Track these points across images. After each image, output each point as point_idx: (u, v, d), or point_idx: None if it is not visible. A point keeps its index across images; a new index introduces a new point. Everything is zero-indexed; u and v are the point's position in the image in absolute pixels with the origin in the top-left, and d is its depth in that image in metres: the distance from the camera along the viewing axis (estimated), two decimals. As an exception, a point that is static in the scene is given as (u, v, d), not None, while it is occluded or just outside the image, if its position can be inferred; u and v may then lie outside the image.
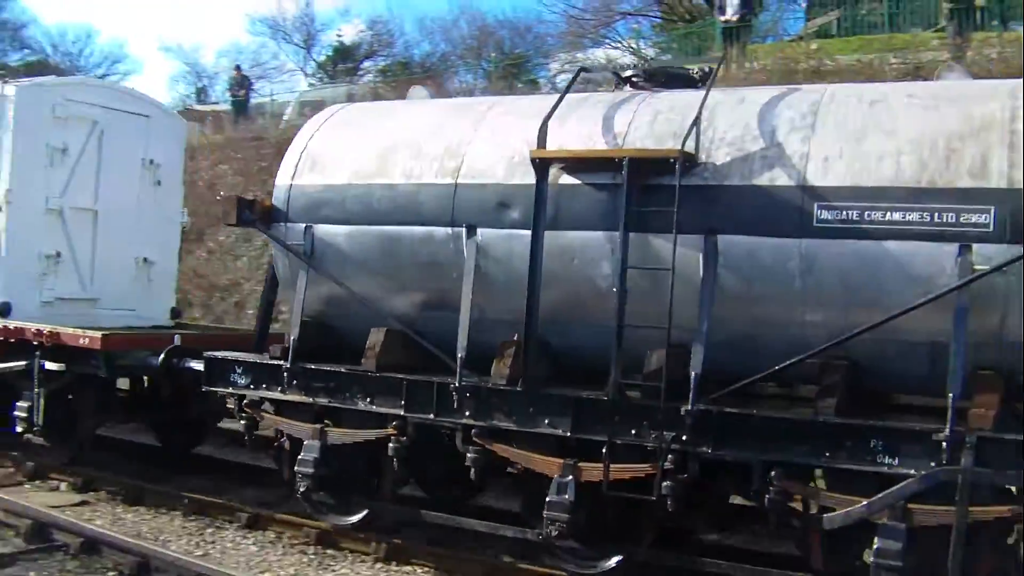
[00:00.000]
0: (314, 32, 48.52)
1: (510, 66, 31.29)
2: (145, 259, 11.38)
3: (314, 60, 48.11)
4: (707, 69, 7.86)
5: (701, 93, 7.03)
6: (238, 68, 31.00)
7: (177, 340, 9.40)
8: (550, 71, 32.79)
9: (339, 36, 46.76)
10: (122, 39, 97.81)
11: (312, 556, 7.91)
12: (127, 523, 8.74)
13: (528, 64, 34.90)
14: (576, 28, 33.83)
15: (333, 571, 7.63)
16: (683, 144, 6.52)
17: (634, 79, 7.81)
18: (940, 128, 6.20)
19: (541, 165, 7.02)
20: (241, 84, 27.41)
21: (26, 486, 9.90)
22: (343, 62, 44.86)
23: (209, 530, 8.55)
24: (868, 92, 6.78)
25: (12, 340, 9.72)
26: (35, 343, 9.47)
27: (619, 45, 32.52)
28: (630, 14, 33.98)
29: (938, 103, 6.38)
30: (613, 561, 7.03)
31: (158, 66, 68.17)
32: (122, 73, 51.95)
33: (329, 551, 8.00)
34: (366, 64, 45.03)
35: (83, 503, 9.35)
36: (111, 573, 7.43)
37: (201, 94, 46.73)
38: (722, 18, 19.53)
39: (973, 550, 5.74)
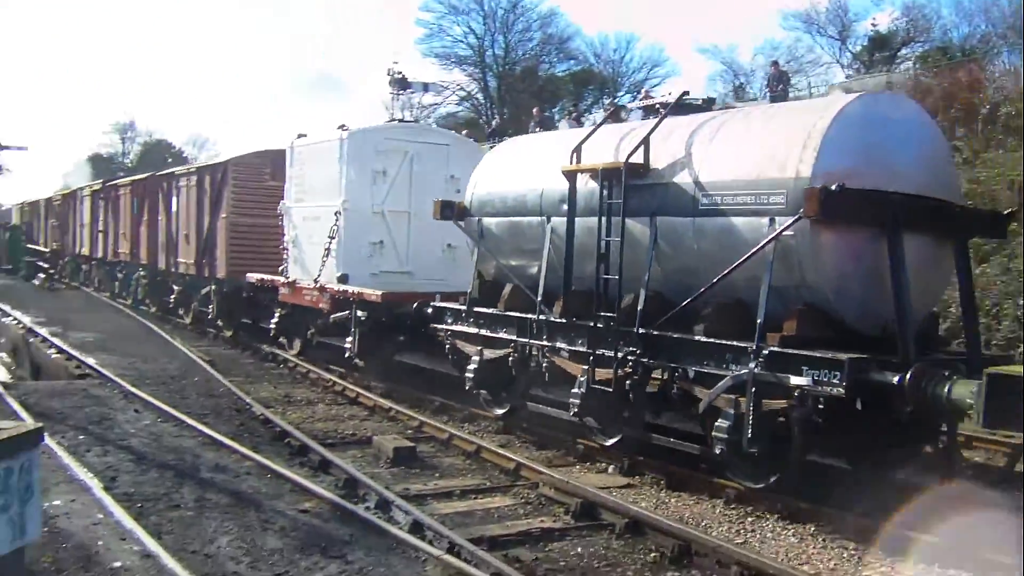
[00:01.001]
0: (848, 23, 46.91)
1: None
2: (449, 245, 16.26)
3: (849, 51, 46.66)
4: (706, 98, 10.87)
5: (706, 115, 10.26)
6: (775, 64, 30.10)
7: (438, 299, 13.90)
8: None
9: (874, 25, 44.63)
10: (660, 44, 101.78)
11: (852, 552, 7.70)
12: (670, 507, 8.91)
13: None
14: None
15: (872, 568, 7.39)
16: (627, 159, 9.88)
17: (657, 106, 11.07)
18: (770, 137, 8.92)
19: (570, 176, 10.75)
20: (779, 79, 26.51)
21: (576, 467, 10.51)
22: (879, 51, 42.95)
23: (749, 519, 8.53)
24: (746, 112, 9.53)
25: (344, 298, 15.36)
26: (352, 300, 15.04)
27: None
28: None
29: (776, 118, 9.04)
30: (612, 441, 10.59)
31: (695, 67, 72.31)
32: (660, 77, 53.85)
33: (870, 548, 7.71)
34: (903, 52, 42.41)
35: (628, 486, 9.67)
36: (652, 554, 7.62)
37: (739, 91, 45.96)
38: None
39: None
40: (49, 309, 25.86)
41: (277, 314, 17.95)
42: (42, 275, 37.92)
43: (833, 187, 8.02)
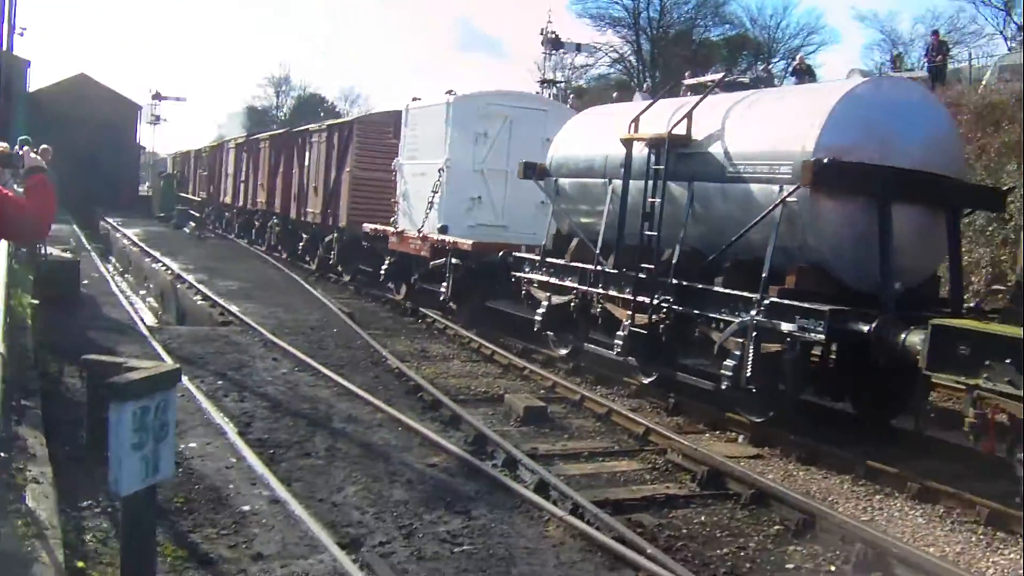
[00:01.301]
0: (1022, -8, 44.23)
1: None
2: (542, 202, 17.76)
3: (1015, 22, 45.24)
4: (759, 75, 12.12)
5: (745, 93, 11.62)
6: (935, 33, 30.15)
7: (523, 250, 15.61)
8: None
9: (1039, -7, 42.32)
10: (819, 10, 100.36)
11: (981, 536, 7.53)
12: (798, 480, 8.84)
13: None
14: None
15: (1002, 555, 7.21)
16: (670, 130, 11.32)
17: (709, 84, 12.42)
18: (788, 114, 10.23)
19: (627, 144, 12.25)
20: (938, 50, 26.44)
21: (706, 435, 10.46)
22: (1044, 21, 40.58)
23: (878, 496, 8.42)
24: (779, 92, 10.81)
25: (442, 247, 17.24)
26: (448, 248, 16.91)
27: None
28: None
29: (797, 97, 10.33)
30: (649, 380, 12.13)
31: (853, 35, 70.31)
32: (817, 44, 53.49)
33: (999, 533, 7.59)
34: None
35: (757, 456, 9.57)
36: (776, 527, 7.59)
37: (897, 61, 45.47)
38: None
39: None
40: (196, 256, 27.11)
41: (387, 261, 20.00)
42: (192, 223, 39.70)
43: (825, 160, 9.32)
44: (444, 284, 17.08)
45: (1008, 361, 7.59)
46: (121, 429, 4.72)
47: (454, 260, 16.79)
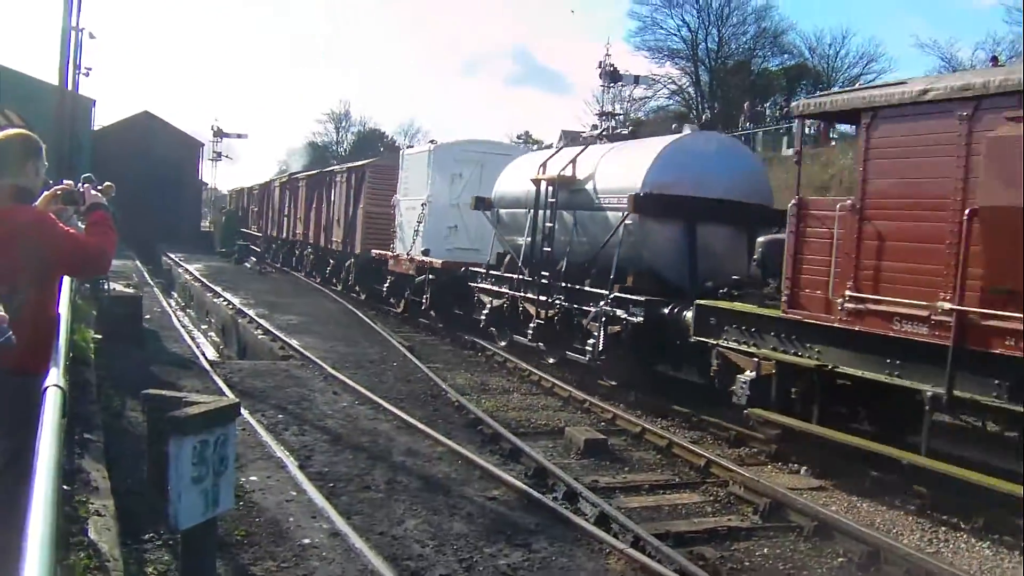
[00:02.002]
0: (1077, 18, 43.91)
1: None
2: None
3: None
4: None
5: (613, 144, 15.48)
6: (994, 59, 31.25)
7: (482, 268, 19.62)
8: None
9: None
10: (879, 38, 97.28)
11: None
12: (861, 512, 8.69)
13: None
14: None
15: None
16: (559, 173, 15.18)
17: (600, 135, 16.25)
18: (631, 161, 14.03)
19: (535, 183, 16.15)
20: None
21: (767, 467, 10.25)
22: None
23: (943, 528, 8.29)
24: (631, 143, 14.62)
25: (422, 266, 21.22)
26: (426, 266, 20.90)
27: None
28: None
29: (637, 148, 14.14)
30: (552, 360, 15.88)
31: (914, 62, 71.11)
32: (876, 72, 51.52)
33: None
34: None
35: (820, 488, 9.44)
36: (840, 559, 7.51)
37: None
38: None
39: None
40: (257, 291, 27.81)
41: (388, 280, 24.03)
42: (253, 258, 40.65)
43: (642, 194, 13.11)
44: (425, 296, 21.04)
45: (735, 326, 11.24)
46: (181, 463, 4.75)
47: (431, 276, 20.75)
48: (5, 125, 12.46)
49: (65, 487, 5.66)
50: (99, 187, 9.37)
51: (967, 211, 8.22)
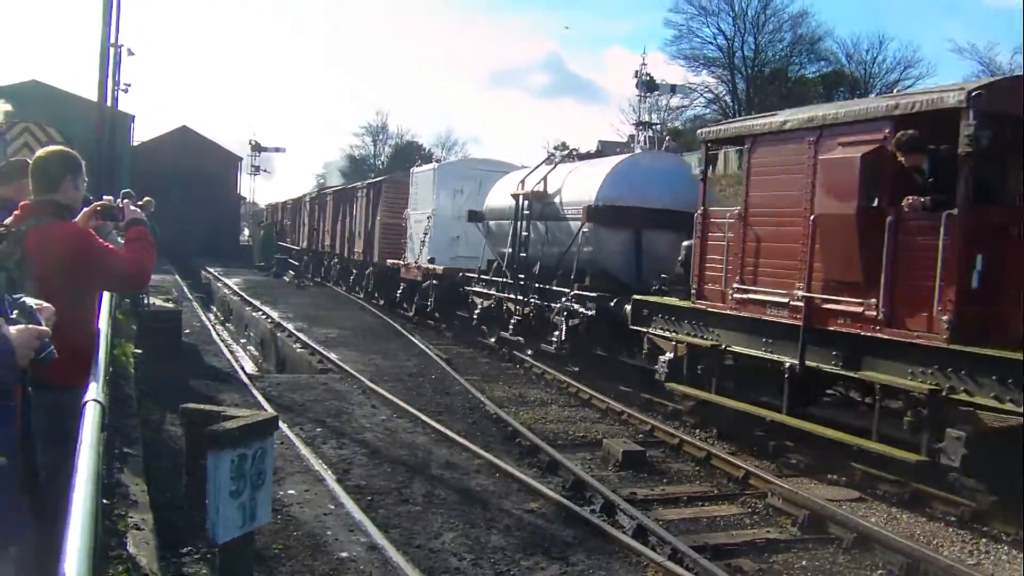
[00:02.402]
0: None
1: None
2: None
3: None
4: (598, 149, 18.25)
5: (578, 163, 17.77)
6: None
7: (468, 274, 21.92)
8: None
9: None
10: (916, 43, 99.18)
11: None
12: (901, 524, 8.62)
13: None
14: None
15: None
16: (532, 188, 17.46)
17: (571, 154, 18.54)
18: (588, 177, 16.27)
19: (515, 197, 18.44)
20: None
21: (804, 478, 10.14)
22: None
23: (984, 540, 8.22)
24: (593, 160, 16.88)
25: (427, 272, 23.53)
26: (431, 273, 23.22)
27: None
28: None
29: (595, 166, 16.38)
30: (531, 352, 18.14)
31: (952, 67, 73.47)
32: (914, 78, 51.45)
33: None
34: None
35: (860, 499, 9.37)
36: (879, 571, 7.48)
37: None
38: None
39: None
40: (296, 305, 28.24)
41: (401, 287, 26.42)
42: (291, 272, 41.32)
43: (596, 206, 15.34)
44: (430, 300, 23.39)
45: (661, 316, 13.43)
46: (219, 477, 4.74)
47: (434, 281, 23.10)
48: (46, 142, 13.27)
49: (104, 501, 5.58)
50: (139, 202, 9.98)
51: (812, 218, 10.38)
